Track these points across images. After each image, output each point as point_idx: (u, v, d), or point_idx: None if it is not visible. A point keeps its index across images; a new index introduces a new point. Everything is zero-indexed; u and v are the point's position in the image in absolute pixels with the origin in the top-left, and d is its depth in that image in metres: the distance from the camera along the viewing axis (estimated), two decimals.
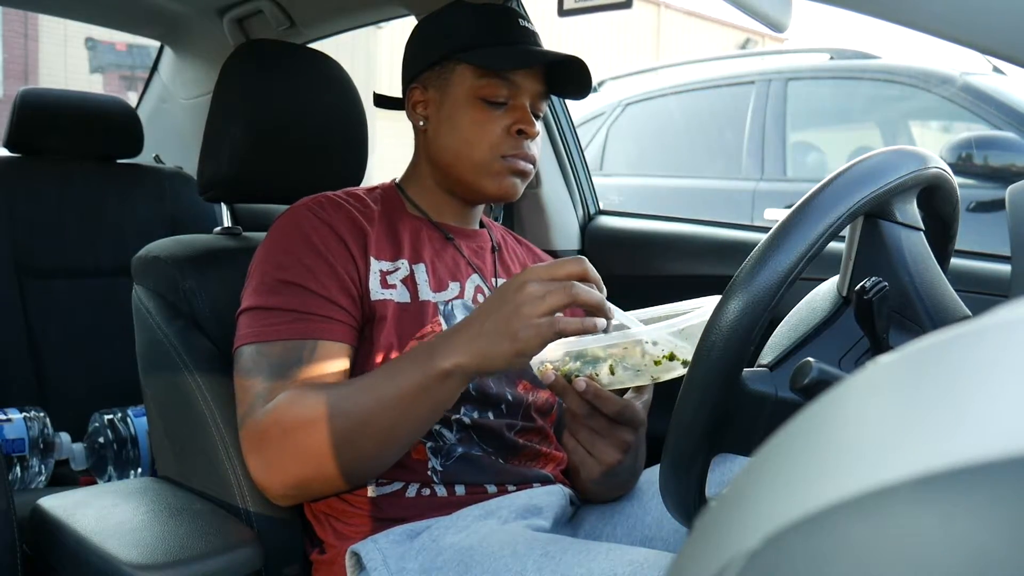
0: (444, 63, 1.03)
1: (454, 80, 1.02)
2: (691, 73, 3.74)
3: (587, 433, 0.90)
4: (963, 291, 0.77)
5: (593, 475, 0.93)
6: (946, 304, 0.72)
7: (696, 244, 1.52)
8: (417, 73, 1.06)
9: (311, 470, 0.85)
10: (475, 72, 1.00)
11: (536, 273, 0.78)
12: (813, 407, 0.24)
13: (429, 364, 0.81)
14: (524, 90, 1.01)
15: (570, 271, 0.78)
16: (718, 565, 0.21)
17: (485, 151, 1.00)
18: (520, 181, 1.03)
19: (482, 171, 1.01)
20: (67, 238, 1.63)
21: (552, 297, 0.76)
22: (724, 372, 0.62)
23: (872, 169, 0.66)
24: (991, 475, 0.17)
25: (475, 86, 1.00)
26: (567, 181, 1.65)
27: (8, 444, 1.36)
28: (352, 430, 0.83)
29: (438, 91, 1.03)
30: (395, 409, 0.83)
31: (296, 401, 0.85)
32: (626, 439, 0.90)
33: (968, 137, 2.69)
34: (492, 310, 0.79)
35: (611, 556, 0.78)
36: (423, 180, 1.08)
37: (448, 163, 1.03)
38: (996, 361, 0.21)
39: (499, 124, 1.00)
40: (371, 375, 0.86)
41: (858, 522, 0.18)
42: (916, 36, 0.54)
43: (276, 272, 0.93)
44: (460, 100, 1.01)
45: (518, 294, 0.77)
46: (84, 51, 9.12)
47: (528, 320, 0.76)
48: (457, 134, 1.01)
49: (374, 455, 0.86)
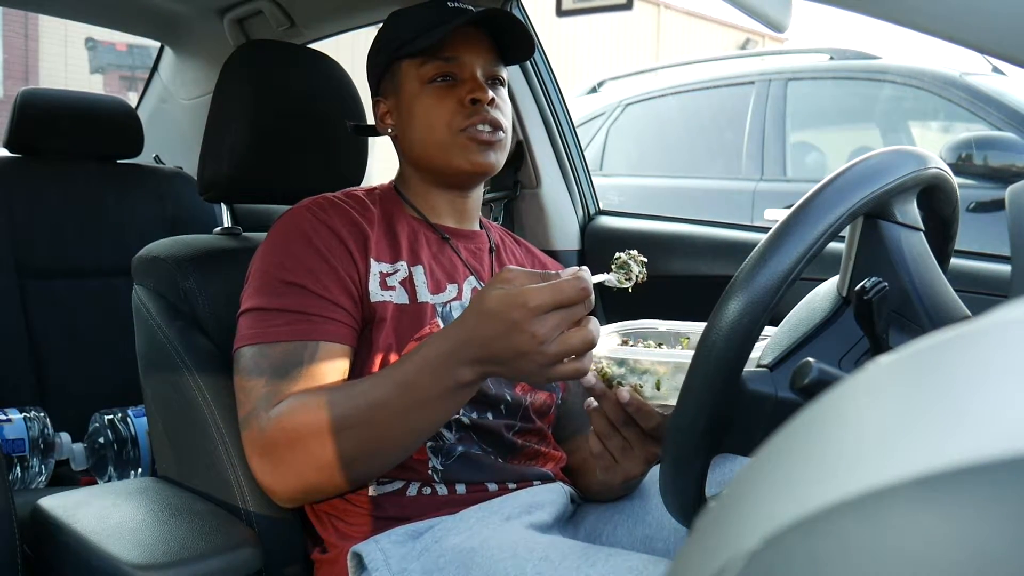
0: (390, 68, 1.06)
1: (402, 79, 1.04)
2: (691, 73, 3.74)
3: (619, 442, 0.87)
4: (963, 291, 0.77)
5: (614, 482, 0.92)
6: (946, 304, 0.72)
7: (696, 244, 1.52)
8: (375, 87, 1.10)
9: (323, 478, 0.85)
10: (416, 63, 1.03)
11: (540, 299, 0.73)
12: (813, 407, 0.24)
13: (448, 378, 0.79)
14: (466, 62, 1.02)
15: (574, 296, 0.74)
16: (718, 565, 0.21)
17: (443, 129, 1.01)
18: (491, 151, 1.02)
19: (447, 149, 1.01)
20: (67, 238, 1.63)
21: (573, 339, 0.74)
22: (724, 372, 0.62)
23: (872, 169, 0.66)
24: (991, 475, 0.17)
25: (418, 75, 1.02)
26: (567, 181, 1.65)
27: (8, 444, 1.36)
28: (364, 441, 0.83)
29: (394, 96, 1.06)
30: (408, 421, 0.83)
31: (304, 409, 0.85)
32: (655, 452, 0.88)
33: (968, 137, 2.69)
34: (499, 337, 0.75)
35: (610, 561, 0.78)
36: (412, 184, 1.09)
37: (419, 156, 1.04)
38: (996, 361, 0.21)
39: (452, 100, 1.01)
40: (381, 384, 0.84)
41: (858, 522, 0.18)
42: (916, 36, 0.54)
43: (277, 273, 0.93)
44: (412, 94, 1.03)
45: (531, 326, 0.73)
46: (84, 51, 9.12)
47: (550, 358, 0.74)
48: (417, 124, 1.03)
49: (384, 462, 0.87)
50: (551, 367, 0.75)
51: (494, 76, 1.05)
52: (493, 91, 1.03)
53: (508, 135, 1.05)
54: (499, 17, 1.02)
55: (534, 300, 0.73)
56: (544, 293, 0.73)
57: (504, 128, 1.04)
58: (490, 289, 0.76)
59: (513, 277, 0.76)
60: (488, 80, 1.04)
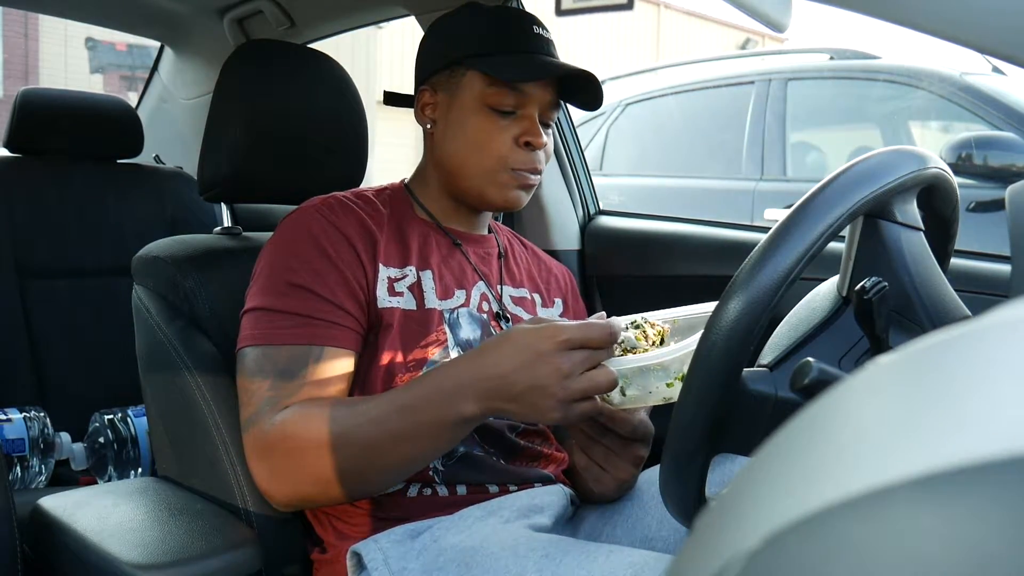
0: (454, 67, 1.01)
1: (463, 85, 1.00)
2: (691, 73, 3.74)
3: (601, 451, 0.89)
4: (963, 291, 0.77)
5: (608, 490, 0.93)
6: (946, 304, 0.72)
7: (696, 244, 1.52)
8: (427, 75, 1.05)
9: (317, 490, 0.86)
10: (484, 80, 0.99)
11: (570, 333, 0.75)
12: (813, 407, 0.24)
13: (451, 410, 0.80)
14: (533, 100, 0.99)
15: (603, 339, 0.76)
16: (718, 565, 0.21)
17: (491, 160, 0.99)
18: (525, 193, 1.02)
19: (487, 180, 1.00)
20: (67, 238, 1.63)
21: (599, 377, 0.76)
22: (724, 372, 0.62)
23: (872, 169, 0.66)
24: (991, 475, 0.17)
25: (484, 94, 0.99)
26: (567, 181, 1.65)
27: (8, 444, 1.36)
28: (362, 460, 0.83)
29: (447, 95, 1.02)
30: (409, 447, 0.83)
31: (306, 420, 0.85)
32: (640, 454, 0.90)
33: (968, 137, 2.69)
34: (521, 367, 0.76)
35: (611, 558, 0.78)
36: (430, 184, 1.07)
37: (453, 169, 1.02)
38: (996, 361, 0.21)
39: (507, 134, 0.99)
40: (383, 406, 0.83)
41: (858, 522, 0.18)
42: (916, 36, 0.54)
43: (284, 273, 0.93)
44: (468, 106, 1.00)
45: (557, 358, 0.75)
46: (84, 51, 9.13)
47: (571, 394, 0.75)
48: (463, 140, 1.00)
49: (381, 482, 0.88)
50: (570, 404, 0.76)
51: (549, 118, 1.03)
52: (544, 133, 1.01)
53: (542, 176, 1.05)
54: (585, 75, 0.99)
55: (564, 334, 0.75)
56: (574, 330, 0.76)
57: (542, 171, 1.03)
58: (519, 325, 0.79)
59: (544, 318, 0.80)
60: (542, 121, 1.02)
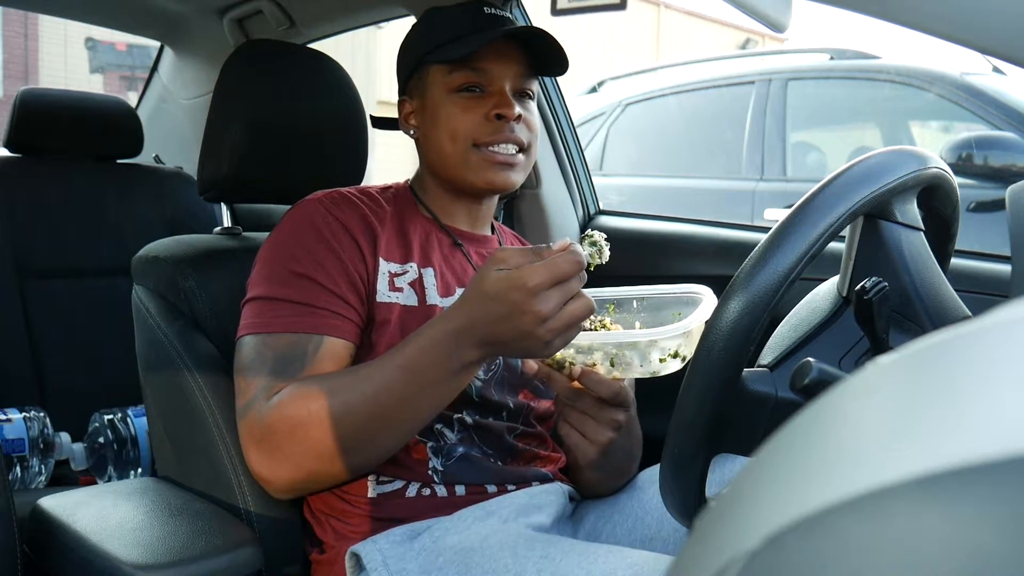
0: (419, 69, 1.04)
1: (428, 83, 1.03)
2: (691, 73, 3.74)
3: (577, 415, 0.91)
4: (963, 291, 0.77)
5: (589, 457, 0.94)
6: (946, 304, 0.72)
7: (696, 244, 1.52)
8: (402, 86, 1.08)
9: (322, 466, 0.84)
10: (444, 69, 1.00)
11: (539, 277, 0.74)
12: (813, 407, 0.24)
13: (452, 359, 0.79)
14: (496, 75, 1.00)
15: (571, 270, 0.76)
16: (718, 565, 0.21)
17: (463, 142, 0.99)
18: (509, 172, 1.01)
19: (463, 163, 1.00)
20: (67, 238, 1.63)
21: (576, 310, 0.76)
22: (724, 372, 0.62)
23: (872, 169, 0.66)
24: (991, 475, 0.17)
25: (446, 82, 1.00)
26: (567, 181, 1.65)
27: (8, 444, 1.36)
28: (367, 426, 0.82)
29: (420, 98, 1.05)
30: (412, 404, 0.82)
31: (303, 396, 0.83)
32: (617, 418, 0.91)
33: (968, 137, 2.69)
34: (502, 319, 0.76)
35: (611, 558, 0.78)
36: (428, 187, 1.08)
37: (438, 162, 1.03)
38: (996, 361, 0.21)
39: (476, 113, 0.99)
40: (383, 369, 0.83)
41: (858, 522, 0.18)
42: (916, 36, 0.54)
43: (286, 263, 0.93)
44: (438, 100, 1.01)
45: (534, 306, 0.74)
46: (84, 51, 9.13)
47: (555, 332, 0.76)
48: (439, 131, 1.01)
49: (385, 447, 0.87)
50: (556, 338, 0.76)
51: (523, 90, 1.03)
52: (521, 105, 1.01)
53: (532, 153, 1.04)
54: (534, 34, 1.00)
55: (533, 280, 0.74)
56: (542, 272, 0.74)
57: (528, 147, 1.02)
58: (487, 271, 0.77)
59: (508, 257, 0.77)
60: (516, 94, 1.01)
